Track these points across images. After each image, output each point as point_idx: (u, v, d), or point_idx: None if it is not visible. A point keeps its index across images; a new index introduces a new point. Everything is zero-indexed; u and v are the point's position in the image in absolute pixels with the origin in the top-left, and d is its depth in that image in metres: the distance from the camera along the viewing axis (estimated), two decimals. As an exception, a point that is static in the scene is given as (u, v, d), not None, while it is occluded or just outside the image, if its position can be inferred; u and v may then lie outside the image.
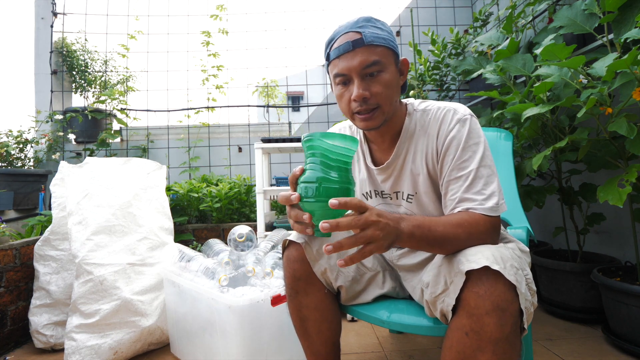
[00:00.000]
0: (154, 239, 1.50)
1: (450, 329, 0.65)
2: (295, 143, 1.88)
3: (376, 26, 0.77)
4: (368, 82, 0.76)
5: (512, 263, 0.63)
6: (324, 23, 2.81)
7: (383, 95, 0.76)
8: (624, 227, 1.63)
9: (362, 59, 0.74)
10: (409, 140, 0.85)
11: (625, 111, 1.21)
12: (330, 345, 0.92)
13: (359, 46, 0.74)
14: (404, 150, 0.86)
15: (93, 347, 1.26)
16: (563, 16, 1.44)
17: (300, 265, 0.87)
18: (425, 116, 0.84)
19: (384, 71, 0.76)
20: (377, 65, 0.75)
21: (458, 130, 0.77)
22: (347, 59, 0.75)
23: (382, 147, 0.89)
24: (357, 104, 0.77)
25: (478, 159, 0.75)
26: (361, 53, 0.74)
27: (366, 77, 0.76)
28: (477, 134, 0.78)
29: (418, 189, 0.86)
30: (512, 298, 0.60)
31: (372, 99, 0.76)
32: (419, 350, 1.37)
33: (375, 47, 0.75)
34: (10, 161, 2.30)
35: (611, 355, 1.28)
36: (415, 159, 0.84)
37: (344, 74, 0.77)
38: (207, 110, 2.75)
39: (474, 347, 0.60)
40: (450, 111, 0.80)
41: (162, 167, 1.71)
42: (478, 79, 2.11)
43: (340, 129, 1.00)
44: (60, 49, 2.77)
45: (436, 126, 0.81)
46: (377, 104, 0.77)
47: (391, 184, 0.89)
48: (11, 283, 1.48)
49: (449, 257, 0.69)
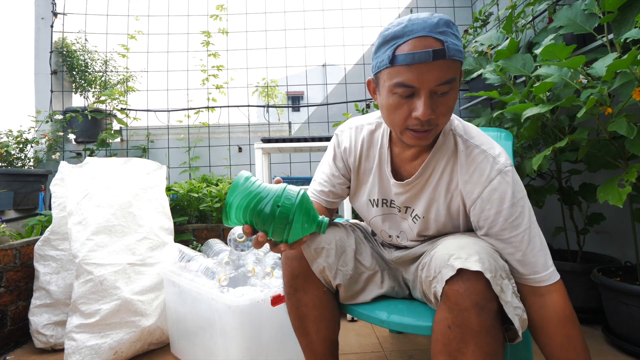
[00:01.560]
0: (154, 239, 1.50)
1: (435, 322, 0.68)
2: (295, 143, 1.88)
3: (456, 35, 0.65)
4: (436, 100, 0.66)
5: (500, 273, 0.66)
6: (323, 23, 2.80)
7: (446, 117, 0.69)
8: (624, 227, 1.63)
9: (439, 74, 0.63)
10: (438, 161, 0.79)
11: (625, 111, 1.21)
12: (329, 343, 0.92)
13: (439, 58, 0.62)
14: (431, 169, 0.80)
15: (93, 347, 1.26)
16: (563, 16, 1.44)
17: (298, 262, 0.87)
18: (463, 147, 0.77)
19: (454, 90, 0.67)
20: (451, 84, 0.65)
21: (500, 182, 0.72)
22: (422, 71, 0.63)
23: (405, 155, 0.83)
24: (417, 122, 0.67)
25: (527, 214, 0.72)
26: (440, 67, 0.63)
27: (435, 94, 0.66)
28: (521, 187, 0.75)
29: (429, 214, 0.83)
30: (491, 296, 0.63)
31: (435, 119, 0.67)
32: (419, 350, 1.37)
33: (455, 62, 0.64)
34: (10, 161, 2.31)
35: (611, 355, 1.28)
36: (439, 186, 0.80)
37: (412, 86, 0.65)
38: (207, 110, 2.75)
39: (458, 339, 0.63)
40: (490, 158, 0.75)
41: (162, 167, 1.71)
42: (478, 79, 2.11)
43: (344, 131, 0.94)
44: (60, 49, 2.77)
45: (472, 167, 0.75)
46: (437, 123, 0.69)
47: (405, 199, 0.85)
48: (11, 283, 1.48)
49: (446, 245, 0.71)
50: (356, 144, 0.89)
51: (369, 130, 0.89)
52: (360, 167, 0.91)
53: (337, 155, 0.92)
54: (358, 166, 0.91)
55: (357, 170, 0.91)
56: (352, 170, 0.92)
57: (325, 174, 0.94)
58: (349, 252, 0.91)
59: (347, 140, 0.91)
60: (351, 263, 0.90)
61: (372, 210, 0.93)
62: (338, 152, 0.92)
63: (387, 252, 1.00)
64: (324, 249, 0.86)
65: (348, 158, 0.91)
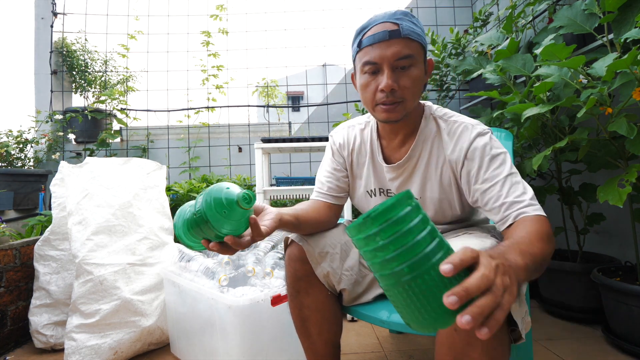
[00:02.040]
0: (154, 239, 1.50)
1: None
2: (295, 143, 1.88)
3: (412, 21, 0.77)
4: (398, 74, 0.76)
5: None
6: (323, 23, 2.80)
7: (410, 90, 0.77)
8: (624, 227, 1.63)
9: (396, 50, 0.74)
10: (423, 143, 0.85)
11: (625, 111, 1.21)
12: (331, 345, 0.92)
13: (395, 37, 0.74)
14: (418, 152, 0.86)
15: (93, 347, 1.26)
16: (563, 16, 1.44)
17: (301, 264, 0.86)
18: (442, 125, 0.84)
19: (415, 66, 0.76)
20: (410, 59, 0.75)
21: (480, 142, 0.78)
22: (381, 48, 0.75)
23: (393, 145, 0.90)
24: (383, 95, 0.77)
25: (509, 166, 0.75)
26: (396, 44, 0.74)
27: (397, 69, 0.76)
28: (500, 144, 0.79)
29: (424, 194, 0.86)
30: None
31: (399, 92, 0.76)
32: (419, 350, 1.37)
33: (411, 41, 0.75)
34: (10, 161, 2.30)
35: (611, 355, 1.28)
36: (430, 164, 0.85)
37: (375, 63, 0.76)
38: (207, 110, 2.74)
39: (464, 342, 0.61)
40: (469, 126, 0.82)
41: (162, 167, 1.71)
42: (478, 79, 2.11)
43: (337, 131, 1.01)
44: (60, 49, 2.76)
45: (453, 138, 0.82)
46: (402, 97, 0.77)
47: (399, 183, 0.89)
48: (11, 283, 1.48)
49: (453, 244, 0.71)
50: (349, 140, 0.97)
51: (360, 128, 0.97)
52: (353, 162, 0.97)
53: (334, 152, 0.99)
54: (352, 161, 0.97)
55: (351, 165, 0.97)
56: (347, 164, 0.98)
57: (328, 171, 0.98)
58: (353, 256, 0.92)
59: (340, 138, 0.98)
60: (356, 267, 0.91)
61: (370, 201, 0.95)
62: (334, 148, 0.99)
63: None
64: (329, 254, 0.87)
65: (343, 152, 0.97)
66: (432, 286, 0.40)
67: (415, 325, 0.43)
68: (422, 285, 0.40)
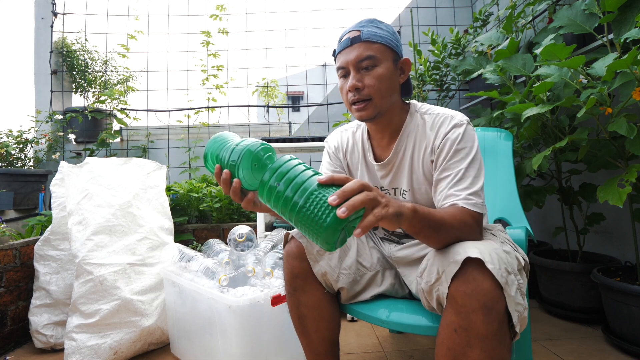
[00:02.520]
0: (154, 239, 1.50)
1: (441, 326, 0.67)
2: (295, 143, 1.88)
3: (376, 26, 0.84)
4: (362, 74, 0.82)
5: (506, 266, 0.64)
6: (323, 23, 2.80)
7: (375, 87, 0.82)
8: (624, 227, 1.63)
9: (357, 53, 0.81)
10: (407, 138, 0.89)
11: (625, 111, 1.21)
12: (329, 344, 0.92)
13: (357, 42, 0.82)
14: (403, 147, 0.90)
15: (93, 347, 1.26)
16: (563, 16, 1.44)
17: (299, 262, 0.87)
18: (426, 118, 0.88)
19: (378, 66, 0.82)
20: (371, 60, 0.81)
21: (453, 133, 0.82)
22: (346, 54, 0.83)
23: (382, 144, 0.93)
24: (352, 94, 0.83)
25: (468, 161, 0.79)
26: (357, 48, 0.82)
27: (361, 70, 0.82)
28: (470, 138, 0.82)
29: (412, 185, 0.90)
30: (499, 297, 0.61)
31: (365, 90, 0.82)
32: (419, 350, 1.37)
33: (372, 43, 0.82)
34: (10, 161, 2.30)
35: (611, 355, 1.28)
36: (414, 157, 0.88)
37: (343, 67, 0.84)
38: (207, 110, 2.74)
39: (463, 343, 0.62)
40: (449, 117, 0.85)
41: (162, 167, 1.71)
42: (478, 79, 2.11)
43: (331, 136, 1.05)
44: (60, 49, 2.77)
45: (435, 129, 0.86)
46: (369, 95, 0.82)
47: (390, 179, 0.93)
48: (11, 283, 1.48)
49: (446, 248, 0.71)
50: (342, 143, 1.02)
51: (352, 131, 1.02)
52: (349, 163, 1.01)
53: (331, 155, 1.03)
54: (347, 163, 1.01)
55: (347, 167, 1.01)
56: (344, 167, 1.02)
57: (329, 171, 1.00)
58: (352, 255, 0.93)
59: (334, 141, 1.04)
60: (354, 266, 0.92)
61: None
62: (331, 152, 1.04)
63: (387, 248, 1.01)
64: (327, 252, 0.87)
65: (339, 155, 1.02)
66: (318, 199, 0.53)
67: (320, 239, 0.54)
68: (312, 203, 0.53)
